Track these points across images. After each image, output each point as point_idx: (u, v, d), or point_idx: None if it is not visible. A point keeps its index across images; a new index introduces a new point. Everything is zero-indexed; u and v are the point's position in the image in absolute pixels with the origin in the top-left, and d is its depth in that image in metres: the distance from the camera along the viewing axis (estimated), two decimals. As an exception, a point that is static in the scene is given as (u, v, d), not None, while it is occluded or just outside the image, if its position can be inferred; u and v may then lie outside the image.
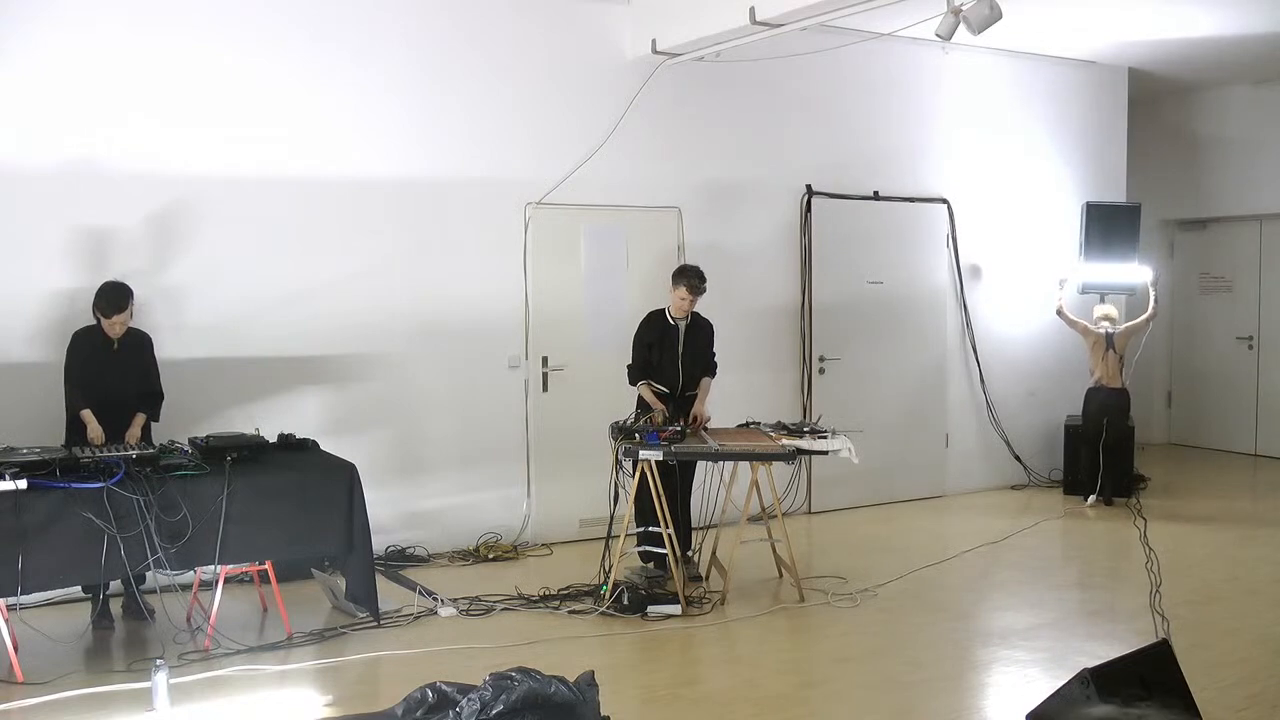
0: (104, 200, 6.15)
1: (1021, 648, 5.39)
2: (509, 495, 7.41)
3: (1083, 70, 9.74)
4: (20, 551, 4.74)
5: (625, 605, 5.85)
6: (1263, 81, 10.33)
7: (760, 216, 8.24)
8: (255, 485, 5.28)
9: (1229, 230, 11.05)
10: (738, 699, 4.70)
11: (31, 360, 5.98)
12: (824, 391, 8.47)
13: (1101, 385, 8.86)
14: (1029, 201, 9.50)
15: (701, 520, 6.62)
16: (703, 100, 7.94)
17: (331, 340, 6.81)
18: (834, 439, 6.22)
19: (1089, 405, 8.90)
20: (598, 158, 7.49)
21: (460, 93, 7.15)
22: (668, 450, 5.90)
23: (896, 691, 4.80)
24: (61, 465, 4.88)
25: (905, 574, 6.59)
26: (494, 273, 7.30)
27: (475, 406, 7.26)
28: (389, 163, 6.95)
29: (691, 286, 6.44)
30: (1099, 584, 6.85)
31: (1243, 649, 5.30)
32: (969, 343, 9.23)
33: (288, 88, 6.64)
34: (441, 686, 3.55)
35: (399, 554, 6.91)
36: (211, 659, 5.12)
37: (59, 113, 6.05)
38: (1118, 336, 8.82)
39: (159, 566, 5.00)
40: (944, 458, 9.14)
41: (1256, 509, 8.92)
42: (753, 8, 6.63)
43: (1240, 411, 10.91)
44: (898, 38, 8.27)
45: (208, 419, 6.31)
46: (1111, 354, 8.79)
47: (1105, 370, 8.83)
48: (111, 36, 6.16)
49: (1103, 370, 8.84)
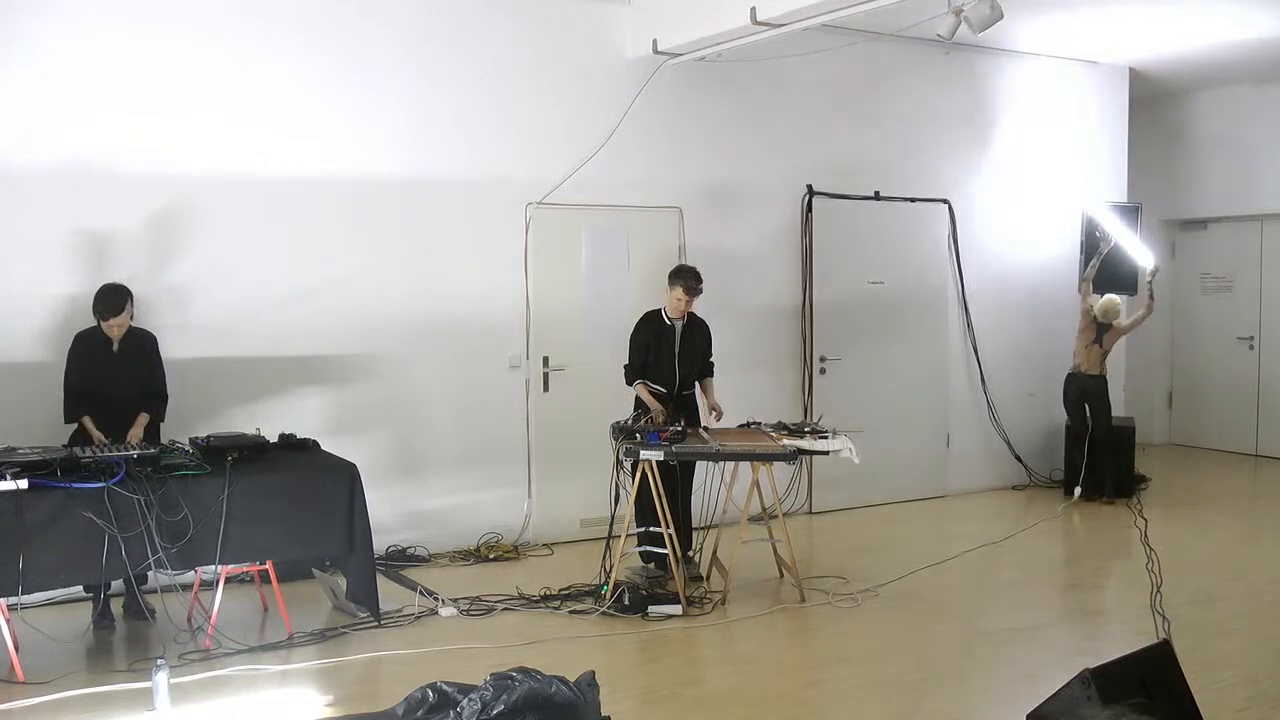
0: (105, 201, 6.16)
1: (1022, 648, 5.39)
2: (510, 495, 7.41)
3: (1083, 70, 9.74)
4: (21, 551, 4.74)
5: (626, 605, 5.86)
6: (1263, 81, 10.33)
7: (761, 216, 8.24)
8: (256, 485, 5.28)
9: (1229, 230, 11.05)
10: (738, 699, 4.70)
11: (33, 360, 5.98)
12: (825, 391, 8.47)
13: (1079, 372, 8.91)
14: (1029, 201, 9.50)
15: (702, 520, 6.62)
16: (703, 100, 7.94)
17: (332, 340, 6.82)
18: (835, 439, 6.22)
19: (1067, 392, 9.00)
20: (599, 158, 7.50)
21: (461, 93, 7.15)
22: (668, 450, 5.90)
23: (896, 691, 4.80)
24: (62, 465, 4.87)
25: (906, 574, 6.59)
26: (495, 273, 7.30)
27: (476, 406, 7.27)
28: (390, 163, 6.95)
29: (689, 287, 6.44)
30: (1099, 584, 6.86)
31: (1243, 649, 5.30)
32: (969, 343, 9.23)
33: (289, 88, 6.65)
34: (442, 686, 3.54)
35: (400, 554, 6.91)
36: (212, 659, 5.12)
37: (60, 113, 6.05)
38: (1109, 334, 8.81)
39: (160, 566, 5.00)
40: (944, 458, 9.14)
41: (1257, 509, 8.91)
42: (753, 8, 6.63)
43: (1240, 411, 10.91)
44: (898, 38, 8.27)
45: (208, 419, 6.31)
46: (1097, 346, 8.80)
47: (1086, 358, 8.86)
48: (112, 37, 6.17)
49: (1084, 358, 8.87)
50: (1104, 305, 8.84)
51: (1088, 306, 8.89)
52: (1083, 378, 8.88)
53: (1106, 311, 8.81)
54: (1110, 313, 8.82)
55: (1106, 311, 8.81)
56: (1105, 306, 8.84)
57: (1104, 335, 8.81)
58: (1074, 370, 8.96)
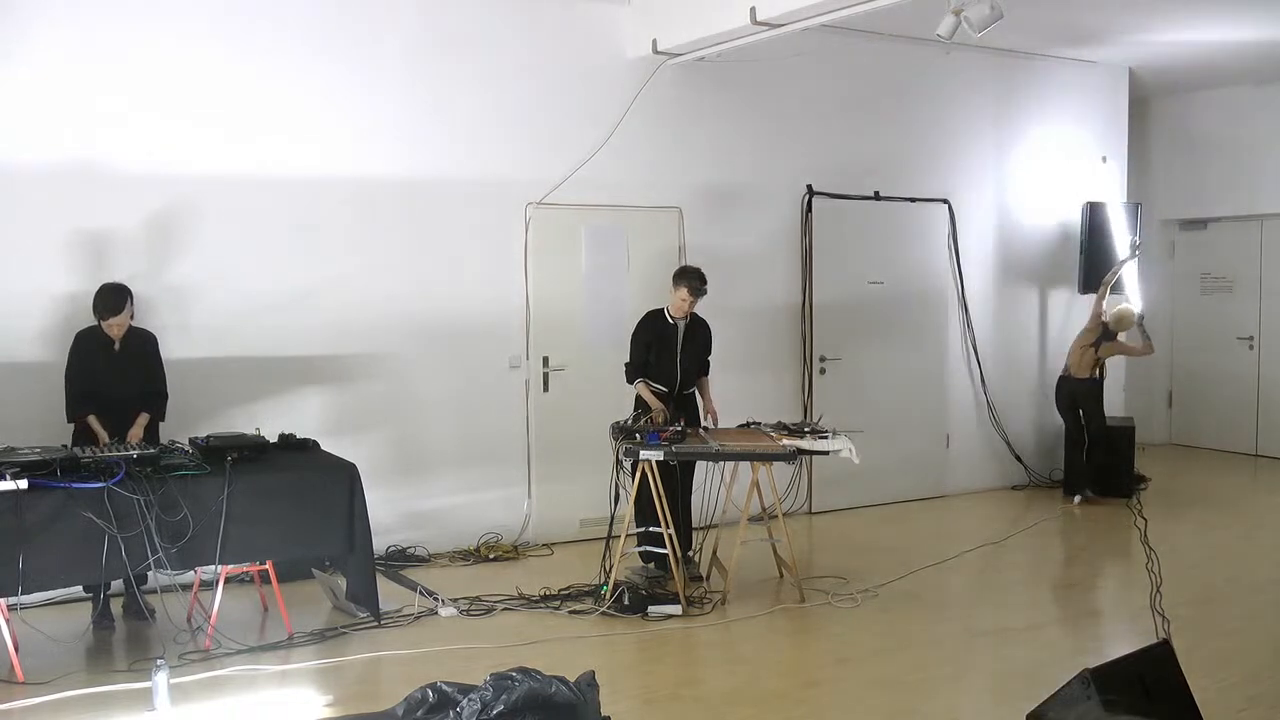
0: (105, 200, 6.15)
1: (1021, 648, 5.39)
2: (509, 495, 7.41)
3: (1083, 70, 9.74)
4: (21, 551, 4.74)
5: (626, 605, 5.86)
6: (1263, 82, 10.33)
7: (761, 217, 8.24)
8: (256, 485, 5.28)
9: (1229, 230, 11.05)
10: (738, 699, 4.70)
11: (33, 360, 5.98)
12: (824, 391, 8.47)
13: (1069, 375, 8.89)
14: (1029, 201, 9.50)
15: (702, 520, 6.62)
16: (703, 100, 7.94)
17: (332, 340, 6.82)
18: (835, 439, 6.22)
19: (1059, 396, 8.99)
20: (598, 158, 7.50)
21: (461, 92, 7.15)
22: (668, 450, 5.90)
23: (896, 691, 4.80)
24: (62, 465, 4.87)
25: (905, 574, 6.59)
26: (495, 273, 7.30)
27: (476, 406, 7.26)
28: (390, 162, 6.95)
29: (693, 288, 6.44)
30: (1099, 584, 6.86)
31: (1243, 649, 5.31)
32: (969, 343, 9.23)
33: (289, 87, 6.64)
34: (442, 686, 3.55)
35: (400, 554, 6.91)
36: (212, 659, 5.12)
37: (59, 113, 6.05)
38: (1110, 344, 8.77)
39: (159, 566, 5.00)
40: (944, 458, 9.14)
41: (1256, 509, 8.91)
42: (753, 8, 6.63)
43: (1240, 411, 10.90)
44: (898, 38, 8.27)
45: (208, 419, 6.31)
46: (1093, 350, 8.77)
47: (1078, 362, 8.82)
48: (112, 37, 6.16)
49: (1075, 361, 8.84)
50: (1119, 314, 8.79)
51: (1100, 310, 8.86)
52: (1073, 381, 8.86)
53: (1120, 319, 8.77)
54: (1124, 321, 8.78)
55: (1120, 319, 8.77)
56: (1121, 315, 8.78)
57: (1104, 342, 8.78)
58: (1064, 374, 8.95)
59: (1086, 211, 9.42)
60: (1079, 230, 9.50)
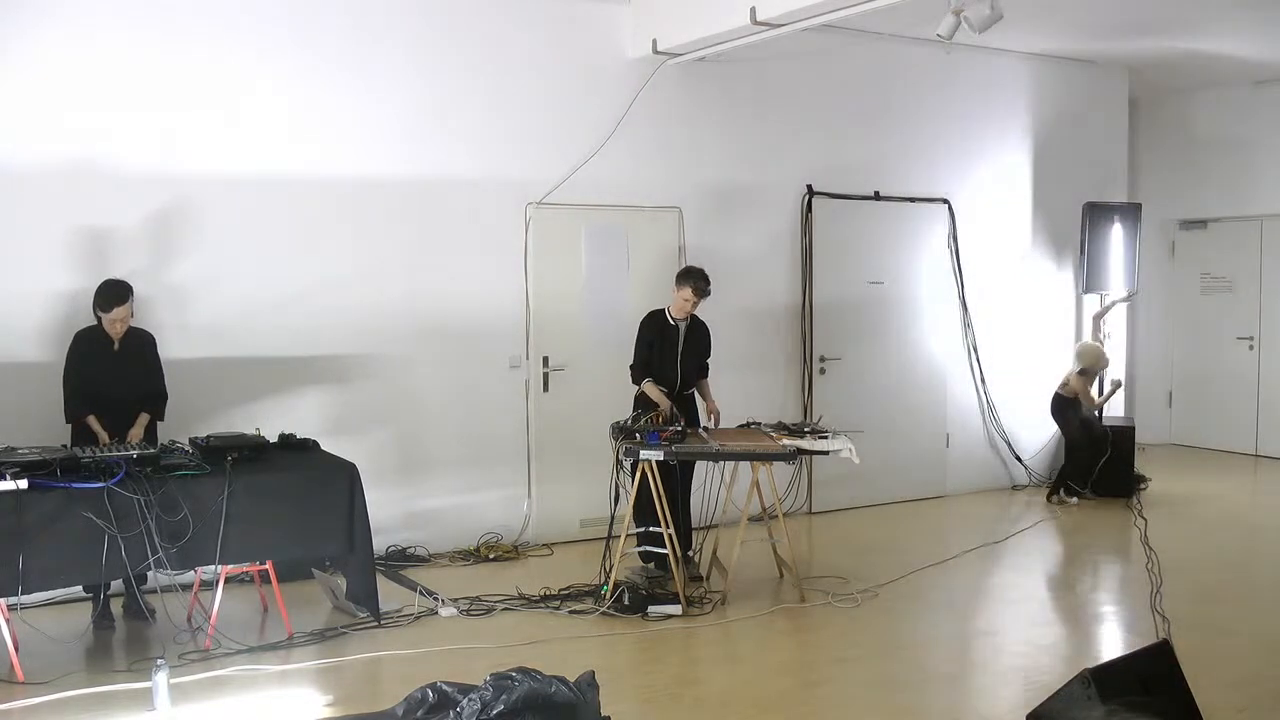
0: (105, 200, 6.15)
1: (1022, 648, 5.39)
2: (510, 495, 7.41)
3: (1083, 70, 9.74)
4: (21, 551, 4.74)
5: (626, 605, 5.85)
6: (1263, 82, 10.33)
7: (761, 216, 8.24)
8: (256, 485, 5.28)
9: (1229, 230, 11.05)
10: (738, 699, 4.70)
11: (33, 360, 5.98)
12: (824, 391, 8.47)
13: (1063, 394, 8.91)
14: (1029, 201, 9.50)
15: (702, 520, 6.62)
16: (703, 100, 7.94)
17: (332, 340, 6.82)
18: (835, 439, 6.22)
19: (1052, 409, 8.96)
20: (598, 158, 7.50)
21: (460, 92, 7.15)
22: (668, 450, 5.90)
23: (896, 691, 4.80)
24: (62, 465, 4.88)
25: (905, 574, 6.59)
26: (495, 273, 7.30)
27: (476, 406, 7.27)
28: (390, 162, 6.95)
29: (697, 289, 6.44)
30: (1099, 584, 6.86)
31: (1243, 649, 5.31)
32: (969, 343, 9.23)
33: (289, 87, 6.64)
34: (442, 686, 3.55)
35: (400, 554, 6.91)
36: (212, 659, 5.12)
37: (60, 112, 6.04)
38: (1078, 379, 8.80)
39: (159, 566, 5.00)
40: (944, 458, 9.14)
41: (1256, 509, 8.92)
42: (753, 8, 6.63)
43: (1240, 411, 10.90)
44: (898, 38, 8.27)
45: (208, 419, 6.31)
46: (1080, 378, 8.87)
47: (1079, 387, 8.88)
48: (112, 36, 6.16)
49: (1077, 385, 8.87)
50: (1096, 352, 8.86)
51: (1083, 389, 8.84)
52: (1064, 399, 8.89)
53: (1098, 360, 8.84)
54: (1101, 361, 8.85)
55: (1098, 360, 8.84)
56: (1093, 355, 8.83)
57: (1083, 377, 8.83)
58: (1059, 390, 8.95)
59: (1086, 212, 9.41)
60: (1079, 230, 9.49)
